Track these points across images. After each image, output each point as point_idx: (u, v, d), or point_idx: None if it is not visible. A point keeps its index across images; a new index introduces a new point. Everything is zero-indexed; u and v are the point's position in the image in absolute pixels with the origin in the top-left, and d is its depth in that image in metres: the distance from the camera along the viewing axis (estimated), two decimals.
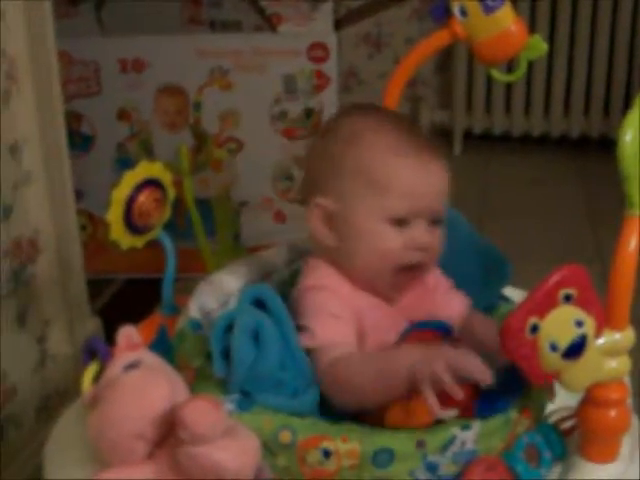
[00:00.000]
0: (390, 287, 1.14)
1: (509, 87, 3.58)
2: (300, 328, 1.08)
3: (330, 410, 1.05)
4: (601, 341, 0.96)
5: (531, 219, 3.09)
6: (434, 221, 1.13)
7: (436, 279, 1.20)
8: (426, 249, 1.12)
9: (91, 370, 1.00)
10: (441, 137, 3.76)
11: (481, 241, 1.28)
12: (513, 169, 3.55)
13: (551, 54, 3.47)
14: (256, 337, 1.02)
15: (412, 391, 0.98)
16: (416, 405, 0.99)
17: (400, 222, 1.11)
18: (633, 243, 0.96)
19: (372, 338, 1.10)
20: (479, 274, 1.23)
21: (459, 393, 0.94)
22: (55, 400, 1.91)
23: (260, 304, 1.06)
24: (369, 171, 1.11)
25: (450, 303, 1.18)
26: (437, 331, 1.11)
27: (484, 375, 0.96)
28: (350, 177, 1.12)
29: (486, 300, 1.23)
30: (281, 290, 1.15)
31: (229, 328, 1.03)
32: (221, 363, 1.02)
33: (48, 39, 1.82)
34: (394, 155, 1.11)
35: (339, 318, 1.09)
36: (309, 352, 1.06)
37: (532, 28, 3.39)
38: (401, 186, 1.10)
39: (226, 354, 1.02)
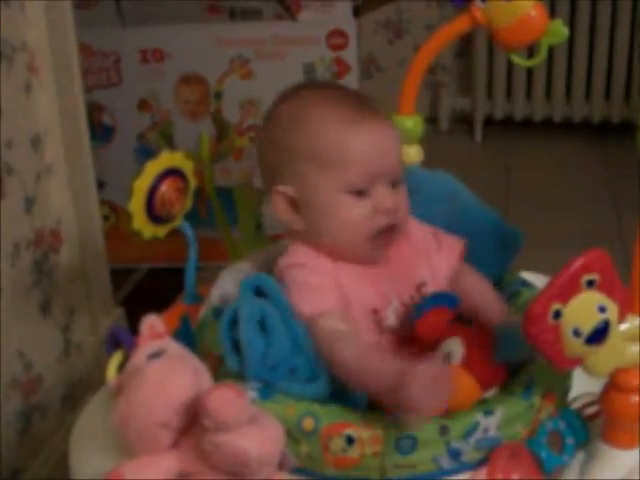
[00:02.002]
0: (369, 254, 1.13)
1: (530, 72, 3.56)
2: None
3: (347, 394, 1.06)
4: (624, 326, 0.95)
5: (553, 204, 3.07)
6: (394, 182, 1.13)
7: (423, 238, 1.19)
8: (392, 211, 1.12)
9: (115, 359, 1.00)
10: (462, 124, 3.75)
11: (487, 211, 1.28)
12: (534, 154, 3.54)
13: (572, 39, 3.45)
14: (262, 325, 1.02)
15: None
16: (466, 388, 0.99)
17: (359, 192, 1.11)
18: None
19: (357, 308, 1.10)
20: (491, 244, 1.23)
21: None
22: (80, 389, 1.92)
23: (261, 293, 1.07)
24: (315, 149, 1.11)
25: (444, 259, 1.18)
26: (450, 307, 1.10)
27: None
28: (300, 159, 1.12)
29: (499, 269, 1.24)
30: None
31: (234, 322, 1.03)
32: (233, 357, 1.03)
33: (68, 30, 1.83)
34: (335, 127, 1.11)
35: (316, 290, 1.09)
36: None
37: (552, 13, 3.37)
38: (350, 156, 1.10)
39: (237, 348, 1.03)
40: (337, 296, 1.09)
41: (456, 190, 1.29)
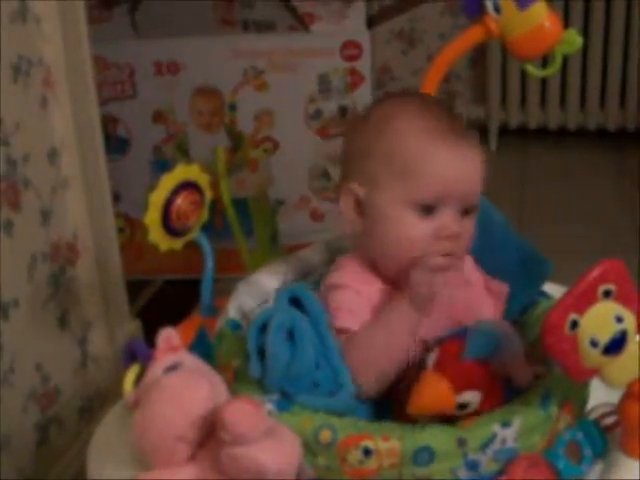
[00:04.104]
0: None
1: (544, 81, 3.56)
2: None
3: (369, 408, 1.06)
4: None
5: (569, 213, 3.07)
6: (465, 210, 1.09)
7: (473, 273, 1.16)
8: (455, 239, 1.07)
9: (132, 372, 1.01)
10: (476, 133, 3.74)
11: (517, 238, 1.26)
12: (550, 163, 3.53)
13: (586, 47, 3.45)
14: (291, 336, 1.02)
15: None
16: (435, 389, 0.99)
17: (428, 209, 1.06)
18: None
19: None
20: (517, 271, 1.22)
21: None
22: (97, 401, 1.93)
23: (297, 303, 1.07)
24: (397, 155, 1.07)
25: (491, 308, 1.16)
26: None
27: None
28: (379, 161, 1.08)
29: (526, 297, 1.21)
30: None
31: (264, 327, 1.03)
32: (257, 362, 1.02)
33: (83, 44, 1.84)
34: (424, 139, 1.07)
35: (354, 313, 1.07)
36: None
37: (566, 22, 3.37)
38: (429, 170, 1.06)
39: (262, 354, 1.03)
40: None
41: (487, 215, 1.23)
